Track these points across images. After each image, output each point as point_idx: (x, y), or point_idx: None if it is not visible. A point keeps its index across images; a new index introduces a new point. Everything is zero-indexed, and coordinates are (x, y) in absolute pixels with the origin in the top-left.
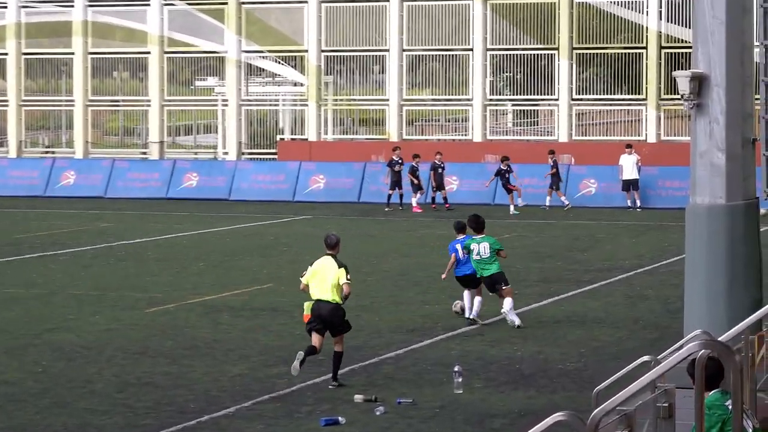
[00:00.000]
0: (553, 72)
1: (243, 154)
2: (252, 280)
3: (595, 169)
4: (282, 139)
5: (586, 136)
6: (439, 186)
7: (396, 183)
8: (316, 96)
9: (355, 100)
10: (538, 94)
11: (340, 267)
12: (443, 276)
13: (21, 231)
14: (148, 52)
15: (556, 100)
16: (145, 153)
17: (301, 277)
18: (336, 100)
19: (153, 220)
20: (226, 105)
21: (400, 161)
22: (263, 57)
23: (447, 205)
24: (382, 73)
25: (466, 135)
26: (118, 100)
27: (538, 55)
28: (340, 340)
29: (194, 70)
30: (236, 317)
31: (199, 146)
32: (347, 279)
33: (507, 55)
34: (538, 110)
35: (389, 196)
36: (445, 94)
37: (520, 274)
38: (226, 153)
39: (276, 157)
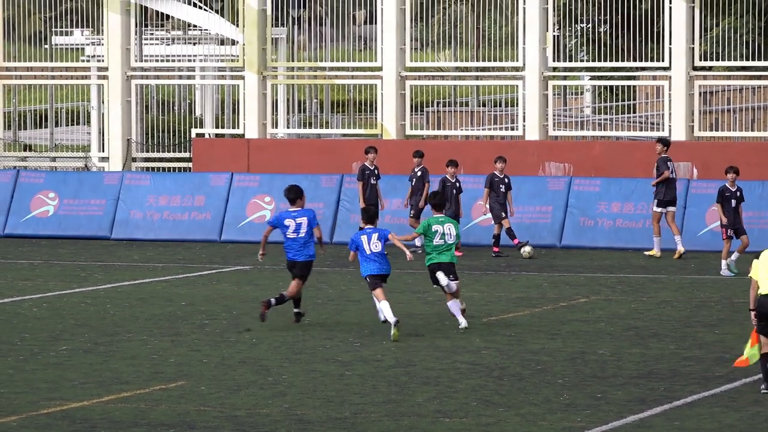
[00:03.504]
0: (661, 21)
1: (134, 161)
2: (151, 374)
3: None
4: (201, 135)
5: (717, 131)
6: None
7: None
8: (258, 62)
9: (324, 69)
10: (634, 60)
11: None
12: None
13: None
14: None
15: (667, 69)
16: None
17: (749, 275)
18: (292, 69)
19: None
20: (106, 77)
21: (375, 171)
22: None
23: (495, 249)
24: (371, 23)
25: (512, 129)
26: None
27: None
28: None
29: (51, 17)
30: None
31: (59, 147)
32: None
33: None
34: (635, 88)
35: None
36: (478, 60)
37: (607, 365)
38: (105, 159)
39: (190, 165)
